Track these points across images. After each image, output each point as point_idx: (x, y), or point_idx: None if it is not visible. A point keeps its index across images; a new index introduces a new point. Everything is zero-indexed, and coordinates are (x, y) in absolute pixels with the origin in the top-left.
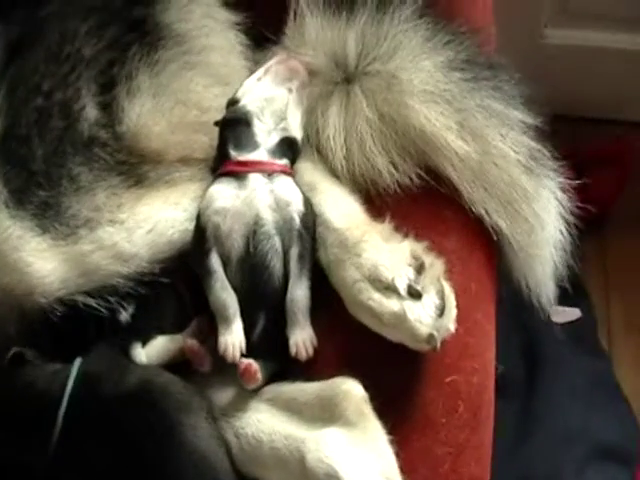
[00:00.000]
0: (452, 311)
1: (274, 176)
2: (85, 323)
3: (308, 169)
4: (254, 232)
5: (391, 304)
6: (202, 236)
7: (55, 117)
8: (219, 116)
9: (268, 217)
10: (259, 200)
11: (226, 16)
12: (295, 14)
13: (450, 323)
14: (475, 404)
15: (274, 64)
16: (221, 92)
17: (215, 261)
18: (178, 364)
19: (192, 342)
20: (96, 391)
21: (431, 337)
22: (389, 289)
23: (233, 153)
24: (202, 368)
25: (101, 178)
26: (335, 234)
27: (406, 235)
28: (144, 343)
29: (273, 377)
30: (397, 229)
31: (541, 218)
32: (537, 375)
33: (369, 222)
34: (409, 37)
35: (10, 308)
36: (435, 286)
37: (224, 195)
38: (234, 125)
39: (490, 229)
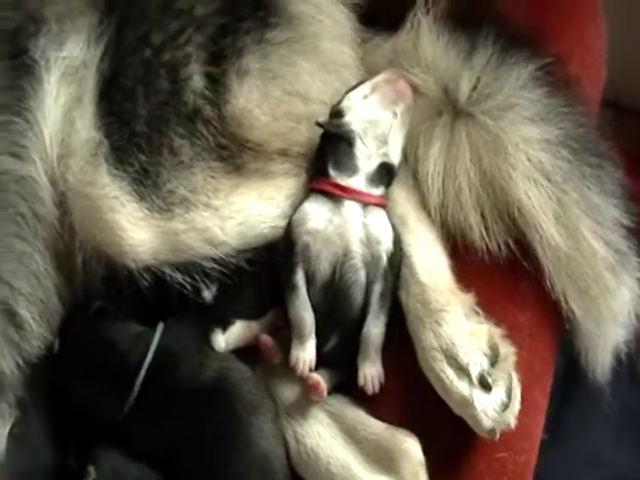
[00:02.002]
0: (515, 407)
1: (369, 207)
2: (169, 295)
3: (401, 199)
4: (342, 263)
5: (462, 387)
6: (291, 250)
7: (162, 78)
8: (323, 109)
9: (357, 250)
10: (351, 233)
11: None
12: (412, 25)
13: (511, 419)
14: None
15: (382, 83)
16: (328, 83)
17: (300, 277)
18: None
19: (266, 338)
20: (174, 371)
21: (492, 431)
22: (462, 371)
23: (332, 173)
24: (273, 361)
25: (201, 157)
26: (419, 287)
27: (488, 310)
28: (224, 329)
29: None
30: (480, 303)
31: (615, 312)
32: (572, 392)
33: (454, 289)
34: (523, 100)
35: (100, 262)
36: (505, 382)
37: (318, 217)
38: (336, 141)
39: (564, 313)
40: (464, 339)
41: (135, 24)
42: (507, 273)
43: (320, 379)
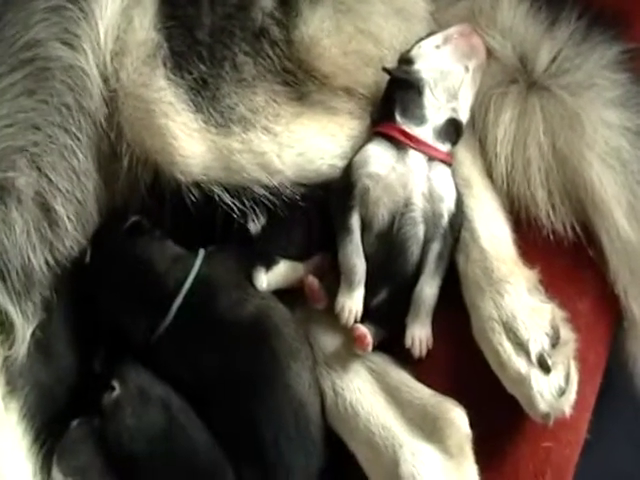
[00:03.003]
0: (572, 396)
1: (434, 162)
2: (214, 219)
3: (467, 161)
4: (402, 214)
5: (519, 363)
6: (349, 191)
7: None
8: (392, 55)
9: (419, 204)
10: (415, 184)
11: None
12: None
13: (567, 407)
14: (561, 474)
15: (456, 35)
16: (400, 29)
17: (355, 221)
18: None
19: (313, 280)
20: (211, 301)
21: (546, 415)
22: (521, 347)
23: (399, 119)
24: (317, 306)
25: (264, 78)
26: (481, 254)
27: (547, 292)
28: (268, 267)
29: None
30: (541, 282)
31: None
32: (600, 404)
33: (518, 262)
34: (605, 81)
35: (146, 169)
36: (564, 367)
37: (381, 161)
38: (405, 88)
39: (622, 310)
40: (526, 314)
41: None
42: (570, 257)
43: (367, 331)
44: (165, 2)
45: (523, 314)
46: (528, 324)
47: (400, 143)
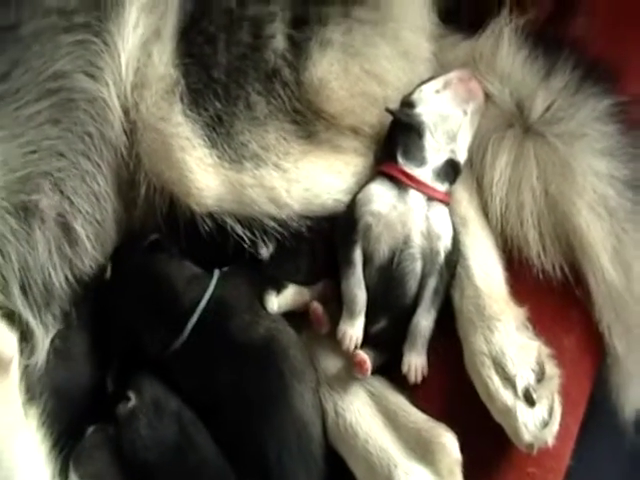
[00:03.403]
0: (554, 427)
1: (433, 202)
2: (226, 245)
3: (464, 200)
4: (401, 250)
5: (506, 396)
6: (353, 227)
7: (244, 31)
8: (396, 96)
9: (417, 241)
10: (414, 222)
11: None
12: (493, 32)
13: (549, 437)
14: None
15: (455, 80)
16: (404, 70)
17: (358, 255)
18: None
19: (317, 306)
20: (225, 322)
21: (530, 445)
22: (509, 381)
23: (401, 160)
24: (320, 330)
25: (275, 117)
26: (474, 291)
27: (536, 329)
28: (278, 291)
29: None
30: (530, 319)
31: None
32: (588, 428)
33: (508, 300)
34: (596, 132)
35: (163, 198)
36: (548, 400)
37: (383, 200)
38: (406, 130)
39: (606, 347)
40: (514, 351)
41: None
42: (558, 295)
43: (366, 357)
44: (183, 39)
45: (511, 350)
46: (516, 360)
47: (401, 183)
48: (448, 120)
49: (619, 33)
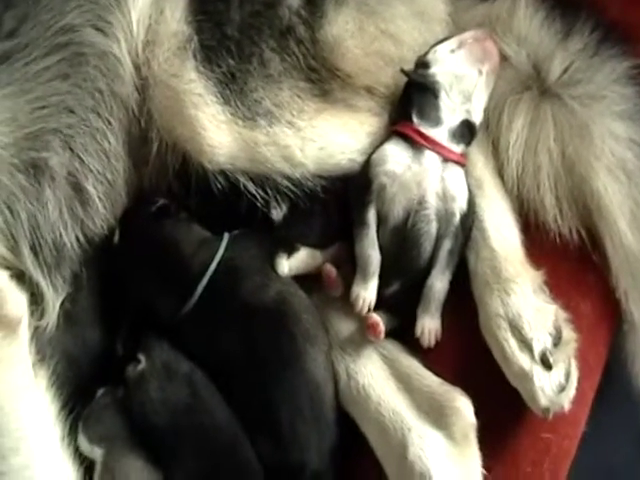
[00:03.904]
0: (571, 392)
1: (448, 163)
2: (238, 206)
3: (480, 162)
4: (416, 211)
5: (523, 359)
6: (367, 187)
7: None
8: (412, 56)
9: (432, 202)
10: (429, 183)
11: None
12: None
13: (566, 402)
14: (558, 465)
15: (471, 40)
16: (420, 31)
17: (372, 215)
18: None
19: (330, 268)
20: (235, 285)
21: (546, 409)
22: (525, 344)
23: (416, 120)
24: (333, 293)
25: (290, 75)
26: (490, 253)
27: (552, 293)
28: (289, 254)
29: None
30: (546, 283)
31: None
32: (599, 400)
33: (525, 263)
34: (615, 95)
35: (175, 155)
36: (565, 365)
37: (398, 160)
38: (421, 91)
39: (623, 313)
40: (531, 313)
41: None
42: (575, 260)
43: (379, 320)
44: None
45: (528, 313)
46: (532, 323)
47: (416, 143)
48: (463, 80)
49: None
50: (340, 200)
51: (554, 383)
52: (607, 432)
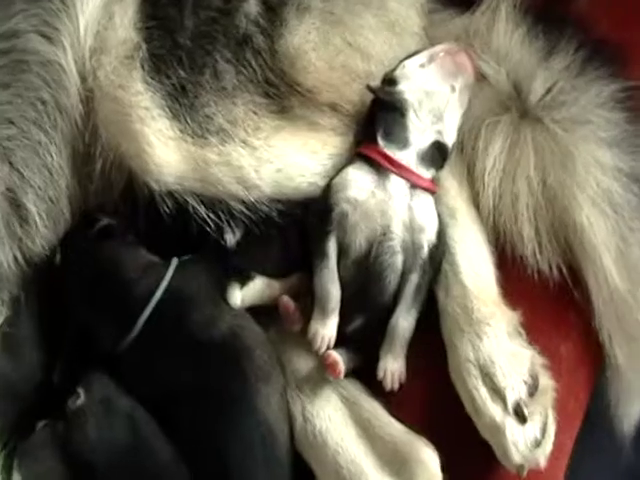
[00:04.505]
0: (548, 447)
1: (417, 190)
2: (188, 229)
3: (453, 189)
4: (380, 242)
5: (494, 410)
6: (327, 215)
7: None
8: (380, 72)
9: (398, 233)
10: (394, 212)
11: None
12: (489, 7)
13: (542, 458)
14: None
15: (442, 53)
16: (390, 44)
17: (332, 246)
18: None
19: (288, 301)
20: (183, 315)
21: (520, 467)
22: (498, 394)
23: (381, 142)
24: (291, 328)
25: (245, 89)
26: (462, 290)
27: (529, 335)
28: (243, 283)
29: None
30: (523, 325)
31: None
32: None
33: (499, 303)
34: (600, 119)
35: (120, 174)
36: (541, 417)
37: (360, 185)
38: (388, 109)
39: (606, 355)
40: (505, 360)
41: None
42: (554, 299)
43: (339, 359)
44: (146, 1)
45: (502, 359)
46: (506, 370)
47: (381, 167)
48: (434, 97)
49: (626, 13)
50: (299, 226)
51: (529, 438)
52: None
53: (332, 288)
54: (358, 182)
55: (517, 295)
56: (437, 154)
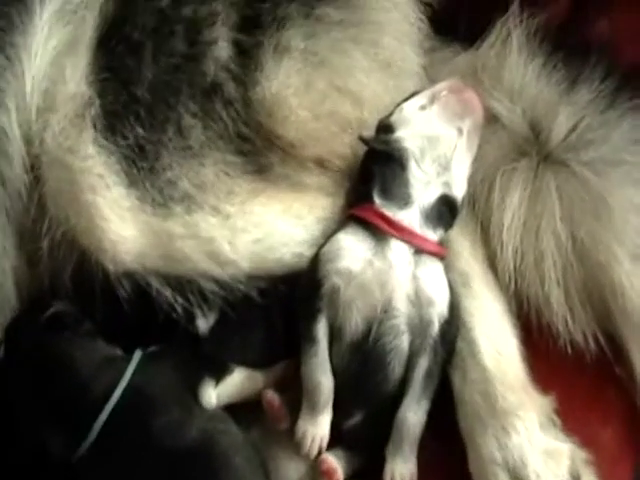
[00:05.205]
0: None
1: (422, 256)
2: (153, 316)
3: (465, 251)
4: (380, 321)
5: None
6: (316, 291)
7: (178, 37)
8: (375, 118)
9: (402, 309)
10: (397, 284)
11: None
12: (499, 38)
13: None
14: None
15: (445, 91)
16: (385, 87)
17: (321, 328)
18: None
19: (272, 395)
20: (147, 419)
21: None
22: None
23: (378, 200)
24: (278, 426)
25: (215, 146)
26: (482, 374)
27: (564, 423)
28: (218, 379)
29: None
30: (557, 411)
31: None
32: None
33: (528, 387)
34: (637, 159)
35: (71, 253)
36: None
37: (354, 254)
38: (385, 162)
39: None
40: (539, 460)
41: None
42: (591, 374)
43: (336, 465)
44: (100, 50)
45: (535, 460)
46: (542, 473)
47: (379, 231)
48: (438, 143)
49: None
50: (284, 305)
51: None
52: None
53: (323, 379)
54: (352, 250)
55: (548, 374)
56: (445, 210)
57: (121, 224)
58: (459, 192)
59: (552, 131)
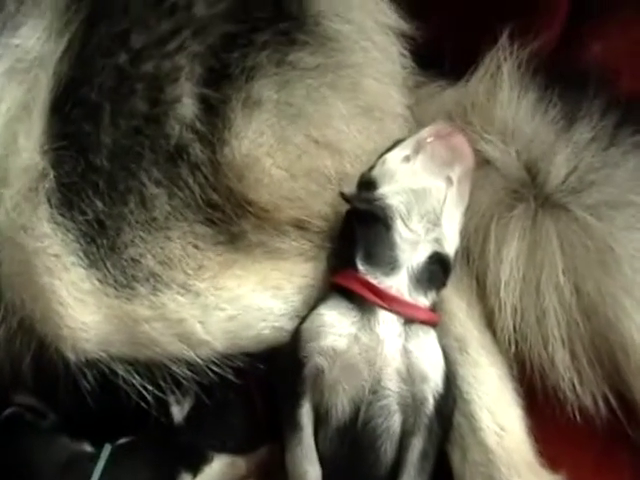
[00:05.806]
0: None
1: (413, 325)
2: (122, 406)
3: (461, 313)
4: (369, 402)
5: None
6: (297, 373)
7: (138, 96)
8: (358, 169)
9: (393, 388)
10: (386, 360)
11: (393, 23)
12: (488, 72)
13: None
14: None
15: (430, 138)
16: (367, 133)
17: (305, 413)
18: None
19: None
20: None
21: None
22: None
23: (362, 267)
24: None
25: (181, 217)
26: (483, 454)
27: None
28: (196, 470)
29: None
30: None
31: None
32: None
33: (534, 465)
34: None
35: (29, 341)
36: None
37: (338, 331)
38: (368, 222)
39: None
40: None
41: (111, 17)
42: (602, 438)
43: None
44: (55, 114)
45: None
46: None
47: (365, 301)
48: (426, 196)
49: None
50: (265, 385)
51: None
52: None
53: (309, 468)
54: (335, 326)
55: (555, 443)
56: (437, 269)
57: (81, 309)
58: (451, 248)
59: (550, 173)
